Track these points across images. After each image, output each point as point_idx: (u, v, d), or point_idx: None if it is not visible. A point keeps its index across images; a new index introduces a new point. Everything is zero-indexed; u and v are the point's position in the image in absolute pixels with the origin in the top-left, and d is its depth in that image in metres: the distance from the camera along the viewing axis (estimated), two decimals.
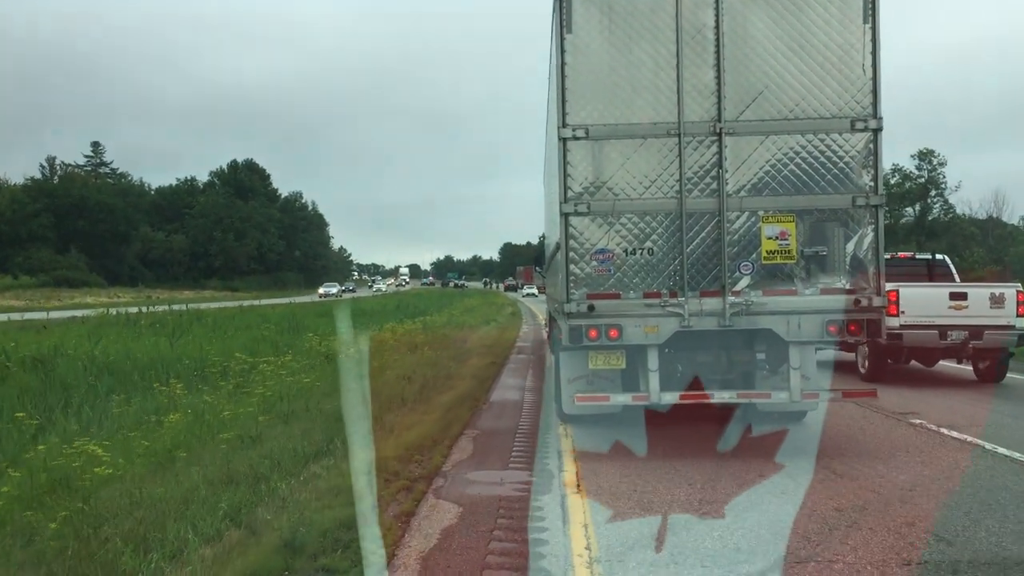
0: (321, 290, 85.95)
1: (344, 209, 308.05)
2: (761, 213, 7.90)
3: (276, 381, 12.33)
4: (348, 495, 6.32)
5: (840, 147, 7.89)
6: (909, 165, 73.86)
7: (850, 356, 15.03)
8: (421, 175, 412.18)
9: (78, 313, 33.38)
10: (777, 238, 7.90)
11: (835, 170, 7.88)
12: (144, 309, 31.21)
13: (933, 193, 74.16)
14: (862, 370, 14.52)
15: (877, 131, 7.86)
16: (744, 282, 7.88)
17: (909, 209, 74.53)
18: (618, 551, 5.39)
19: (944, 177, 73.67)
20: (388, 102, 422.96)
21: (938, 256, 16.25)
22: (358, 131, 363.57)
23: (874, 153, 7.88)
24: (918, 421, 10.11)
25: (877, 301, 7.87)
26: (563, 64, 7.98)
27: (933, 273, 15.52)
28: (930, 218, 73.90)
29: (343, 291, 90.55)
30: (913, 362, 14.89)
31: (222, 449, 8.12)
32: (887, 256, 14.98)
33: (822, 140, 7.89)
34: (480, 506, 6.54)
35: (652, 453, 8.26)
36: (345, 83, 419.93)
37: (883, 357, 14.19)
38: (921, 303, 13.54)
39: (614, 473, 7.50)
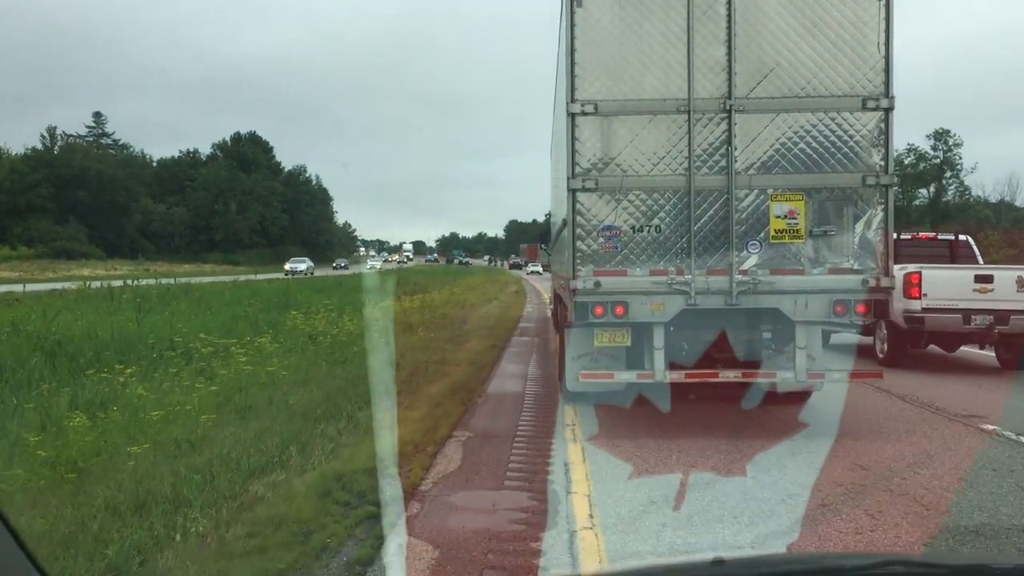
0: (287, 266, 71.97)
1: (350, 185, 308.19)
2: (770, 191, 7.96)
3: (231, 371, 10.59)
4: (292, 528, 5.14)
5: (851, 126, 7.93)
6: (924, 145, 73.64)
7: (867, 340, 14.68)
8: (427, 152, 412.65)
9: (60, 286, 30.99)
10: (786, 217, 7.96)
11: (845, 149, 7.93)
12: (129, 282, 28.76)
13: (948, 174, 73.94)
14: (880, 355, 14.05)
15: (889, 110, 7.90)
16: (752, 261, 7.95)
17: (923, 191, 74.32)
18: None
19: (960, 158, 73.48)
20: (395, 78, 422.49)
21: (961, 237, 15.65)
22: (365, 107, 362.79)
23: (885, 132, 7.93)
24: (990, 427, 8.74)
25: (885, 282, 7.95)
26: (572, 38, 8.02)
27: (955, 255, 15.08)
28: (944, 200, 73.71)
29: (336, 267, 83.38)
30: (932, 347, 14.38)
31: (143, 460, 6.57)
32: (907, 236, 14.61)
33: (833, 119, 7.93)
34: (463, 548, 5.05)
35: (677, 468, 6.97)
36: (353, 59, 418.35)
37: (903, 342, 13.71)
38: (944, 286, 13.06)
39: (633, 494, 6.22)
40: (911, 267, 13.23)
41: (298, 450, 7.12)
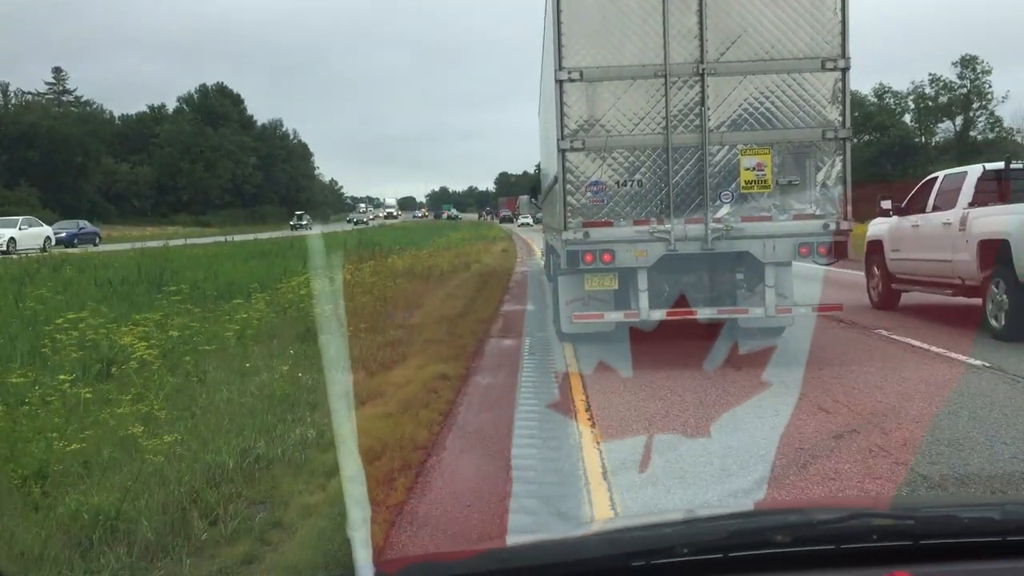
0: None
1: (336, 141, 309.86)
2: (740, 147, 9.71)
3: None
4: None
5: (811, 85, 9.65)
6: (950, 74, 74.38)
7: (965, 302, 12.52)
8: (415, 106, 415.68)
9: None
10: (754, 169, 9.73)
11: (807, 107, 9.66)
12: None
13: (976, 105, 74.81)
14: (995, 324, 11.13)
15: (845, 70, 9.63)
16: (724, 210, 9.73)
17: (945, 124, 75.14)
18: None
19: (990, 87, 74.17)
20: (383, 30, 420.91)
21: None
22: (351, 60, 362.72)
23: (843, 91, 9.67)
24: None
25: (844, 225, 9.74)
26: (559, 11, 9.70)
27: None
28: (972, 133, 74.58)
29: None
30: None
31: None
32: (1019, 166, 12.54)
33: (795, 79, 9.65)
34: None
35: None
36: (338, 9, 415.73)
37: None
38: None
39: None
40: None
41: None
